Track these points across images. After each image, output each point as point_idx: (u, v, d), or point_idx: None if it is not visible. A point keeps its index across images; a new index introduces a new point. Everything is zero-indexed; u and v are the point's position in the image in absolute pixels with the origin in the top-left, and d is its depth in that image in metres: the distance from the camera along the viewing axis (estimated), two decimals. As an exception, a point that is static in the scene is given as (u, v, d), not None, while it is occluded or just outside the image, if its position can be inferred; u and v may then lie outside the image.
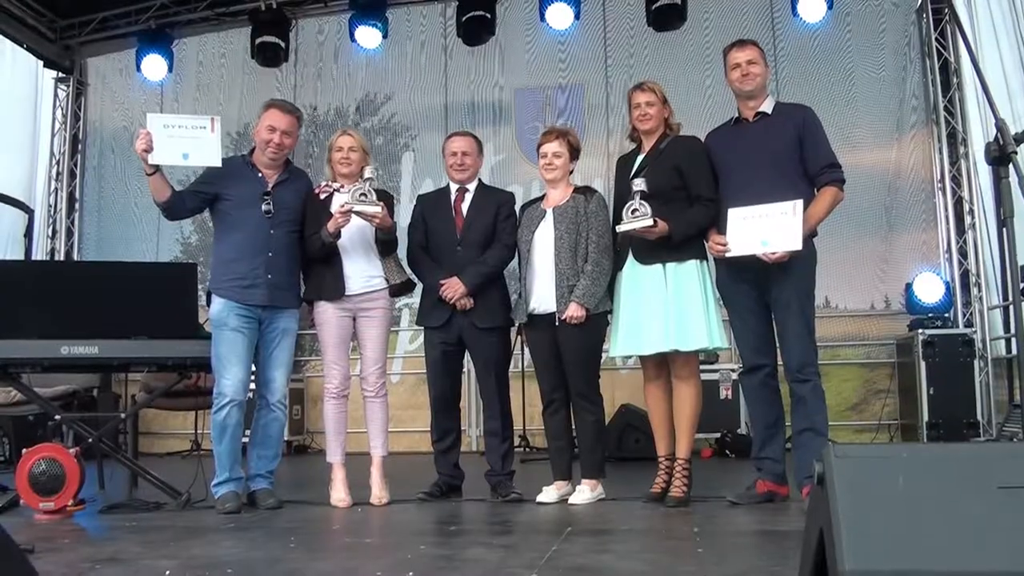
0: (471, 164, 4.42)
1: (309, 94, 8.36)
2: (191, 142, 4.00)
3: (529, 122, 7.89)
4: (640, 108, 4.12)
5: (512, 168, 7.86)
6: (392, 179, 8.04)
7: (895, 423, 6.94)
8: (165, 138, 3.96)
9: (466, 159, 4.41)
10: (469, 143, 4.46)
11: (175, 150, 3.98)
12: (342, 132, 4.41)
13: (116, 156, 8.83)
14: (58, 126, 9.03)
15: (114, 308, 4.21)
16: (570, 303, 4.01)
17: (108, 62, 9.01)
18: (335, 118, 8.29)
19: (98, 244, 8.79)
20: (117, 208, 8.75)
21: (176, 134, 3.99)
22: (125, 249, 8.45)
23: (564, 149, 4.23)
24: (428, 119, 8.13)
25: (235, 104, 8.50)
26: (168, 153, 3.98)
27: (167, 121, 4.04)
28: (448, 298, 4.22)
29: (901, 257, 7.16)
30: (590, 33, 7.93)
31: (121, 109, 8.91)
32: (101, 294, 4.25)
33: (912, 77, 7.34)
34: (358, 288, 4.22)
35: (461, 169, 4.41)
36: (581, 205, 4.13)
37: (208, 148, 4.02)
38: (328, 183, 4.35)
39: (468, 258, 4.27)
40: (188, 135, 4.00)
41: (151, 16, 8.38)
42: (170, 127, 4.00)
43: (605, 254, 4.08)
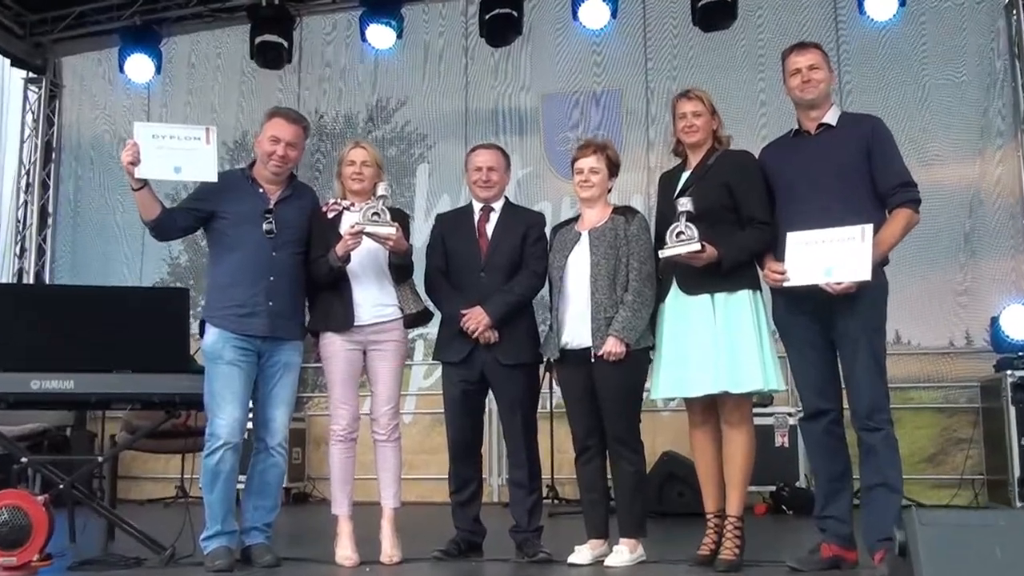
0: (497, 181, 4.49)
1: (314, 100, 8.49)
2: (184, 154, 4.08)
3: (559, 132, 7.96)
4: (686, 119, 4.16)
5: (540, 183, 7.93)
6: (405, 194, 8.13)
7: (979, 478, 6.84)
8: (154, 149, 4.04)
9: (492, 175, 4.48)
10: (496, 157, 4.53)
11: (166, 163, 4.06)
12: (354, 144, 4.50)
13: (95, 166, 8.97)
14: (28, 132, 9.13)
15: (92, 337, 4.24)
16: (607, 337, 4.03)
17: (86, 62, 9.17)
18: (344, 127, 8.43)
19: (73, 264, 8.89)
20: (95, 224, 8.86)
21: (167, 145, 4.07)
22: (104, 270, 8.55)
23: (602, 165, 4.28)
24: (446, 127, 8.23)
25: (232, 111, 8.63)
26: (158, 166, 4.06)
27: (157, 131, 4.13)
28: (470, 330, 4.26)
29: (985, 288, 7.10)
30: (628, 33, 8.01)
31: (102, 114, 9.06)
32: (77, 321, 4.26)
33: (999, 83, 7.28)
34: (369, 318, 4.27)
35: (486, 186, 4.47)
36: (620, 227, 4.16)
37: (203, 161, 4.09)
38: (337, 200, 4.43)
39: (493, 285, 4.32)
40: (180, 146, 4.08)
41: (136, 11, 8.46)
42: (160, 137, 4.08)
43: (647, 283, 4.11)
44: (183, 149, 4.07)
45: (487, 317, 4.25)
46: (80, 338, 4.24)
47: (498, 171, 4.49)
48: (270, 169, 4.29)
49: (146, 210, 4.17)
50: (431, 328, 4.64)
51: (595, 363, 4.07)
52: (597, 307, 4.08)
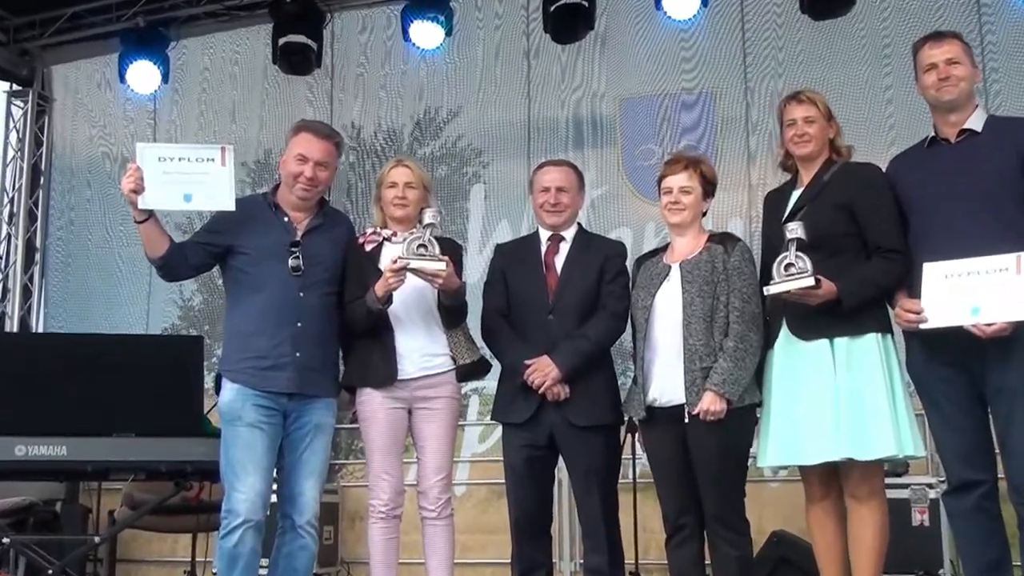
0: (568, 204, 4.53)
1: (350, 111, 8.57)
2: (195, 179, 4.14)
3: (641, 143, 7.93)
4: (796, 126, 4.17)
5: (619, 206, 7.90)
6: (456, 221, 8.17)
7: None
8: (160, 174, 4.11)
9: (562, 197, 4.51)
10: (567, 176, 4.58)
11: (174, 191, 4.13)
12: (396, 162, 4.57)
13: (92, 192, 9.08)
14: (12, 154, 9.19)
15: (88, 394, 4.34)
16: (704, 393, 4.01)
17: (81, 71, 9.32)
18: (385, 142, 8.50)
19: (66, 308, 8.99)
20: (92, 261, 8.96)
21: (175, 169, 4.14)
22: (104, 315, 8.65)
23: (695, 183, 4.29)
24: (505, 141, 8.25)
25: (253, 125, 8.74)
26: (164, 195, 4.13)
27: (163, 152, 4.20)
28: (535, 384, 4.28)
29: None
30: (723, 24, 7.98)
31: (99, 132, 9.19)
32: (70, 375, 4.35)
33: None
34: (415, 371, 4.32)
35: (555, 211, 4.52)
36: (719, 258, 4.16)
37: (218, 187, 4.16)
38: (376, 230, 4.49)
39: (563, 330, 4.34)
40: (191, 170, 4.15)
41: (139, 11, 8.46)
42: (167, 160, 4.15)
43: (752, 325, 4.09)
44: (194, 173, 4.14)
45: (556, 369, 4.26)
46: (74, 395, 4.31)
47: (569, 192, 4.52)
48: (296, 194, 4.35)
49: (152, 246, 4.24)
50: (489, 381, 4.68)
51: (689, 424, 4.06)
52: (691, 356, 4.08)
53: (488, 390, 4.84)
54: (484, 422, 7.52)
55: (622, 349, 4.41)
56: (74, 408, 4.27)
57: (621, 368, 4.47)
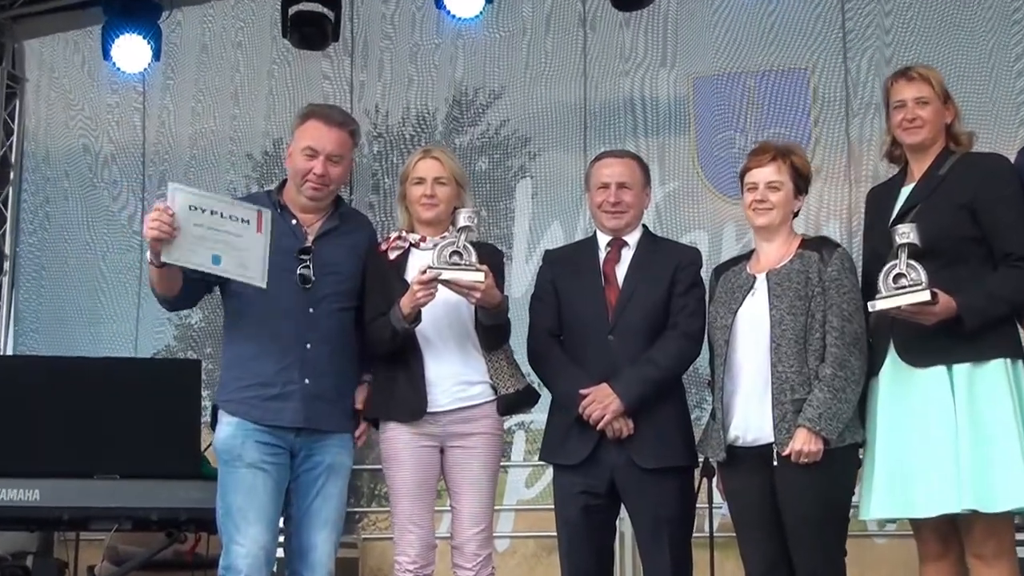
0: (632, 203, 4.52)
1: (373, 92, 8.58)
2: (226, 240, 4.14)
3: (719, 131, 7.91)
4: (905, 108, 4.15)
5: (692, 205, 7.89)
6: (499, 223, 8.19)
7: None
8: (191, 226, 4.10)
9: (624, 195, 4.50)
10: (630, 170, 4.57)
11: (202, 247, 4.12)
12: (423, 153, 4.56)
13: (72, 188, 9.02)
14: None
15: (66, 429, 4.33)
16: (797, 430, 3.99)
17: (58, 47, 9.34)
18: (415, 129, 8.52)
19: (39, 326, 9.00)
20: (71, 269, 8.98)
21: (207, 222, 4.12)
22: (86, 335, 8.68)
23: (785, 177, 4.26)
24: (557, 128, 8.25)
25: (259, 110, 8.77)
26: (191, 250, 4.10)
27: (197, 200, 4.17)
28: (593, 419, 4.26)
29: None
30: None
31: (80, 117, 9.22)
32: (45, 406, 4.36)
33: None
34: (449, 402, 4.32)
35: (616, 212, 4.50)
36: (813, 268, 4.14)
37: (250, 257, 4.16)
38: (401, 234, 4.49)
39: (626, 353, 4.34)
40: (224, 228, 4.14)
41: None
42: (199, 211, 4.13)
43: (853, 349, 4.06)
44: (227, 232, 4.13)
45: (618, 400, 4.24)
46: (48, 430, 4.31)
47: (633, 189, 4.52)
48: (305, 193, 4.37)
49: (164, 284, 4.23)
50: (537, 414, 4.70)
51: (778, 467, 4.04)
52: (780, 385, 4.06)
53: (536, 424, 4.83)
54: (531, 463, 7.55)
55: (697, 377, 4.40)
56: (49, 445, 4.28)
57: (696, 399, 4.45)
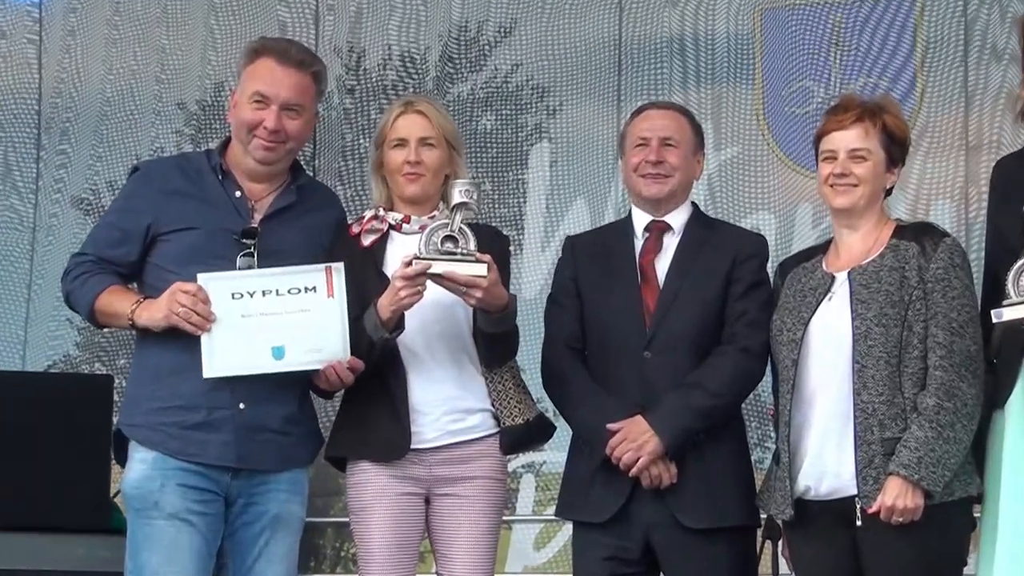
0: (679, 165, 4.49)
1: (343, 26, 8.52)
2: (288, 321, 4.20)
3: (793, 80, 7.85)
4: None
5: (755, 176, 7.85)
6: (507, 200, 8.13)
7: None
8: (237, 320, 4.17)
9: (669, 155, 4.47)
10: (678, 124, 4.56)
11: (257, 343, 4.18)
12: (404, 106, 4.54)
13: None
14: None
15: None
16: (888, 479, 3.96)
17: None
18: (399, 75, 8.44)
19: None
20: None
21: (258, 309, 4.19)
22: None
23: (875, 142, 4.22)
24: (584, 75, 8.19)
25: (194, 49, 8.68)
26: (244, 350, 4.17)
27: (239, 285, 4.22)
28: (625, 463, 4.25)
29: None
30: None
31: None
32: None
33: None
34: (438, 436, 4.32)
35: (658, 176, 4.47)
36: (912, 264, 4.11)
37: (324, 330, 4.22)
38: (378, 213, 4.48)
39: (667, 375, 4.34)
40: (281, 309, 4.21)
41: None
42: (245, 297, 4.20)
43: (966, 373, 4.02)
44: (287, 313, 4.21)
45: (656, 439, 4.22)
46: None
47: (680, 148, 4.50)
48: (254, 153, 4.35)
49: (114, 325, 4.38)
50: (552, 453, 4.76)
51: (863, 528, 4.03)
52: (866, 419, 4.03)
53: (551, 467, 4.79)
54: (544, 518, 7.51)
55: (759, 406, 4.33)
56: None
57: (758, 435, 4.40)
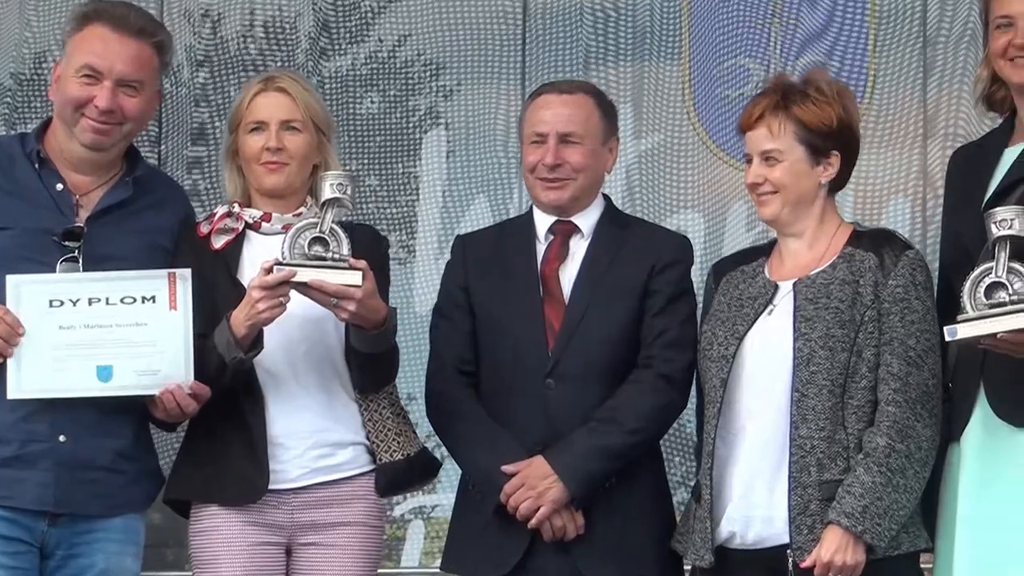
0: (583, 165, 4.49)
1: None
2: (119, 336, 4.17)
3: (726, 56, 7.85)
4: (1014, 28, 4.12)
5: (680, 167, 7.84)
6: (397, 197, 8.08)
7: None
8: (54, 333, 4.13)
9: (569, 154, 4.47)
10: (581, 112, 4.54)
11: (78, 362, 4.14)
12: (264, 83, 4.53)
13: None
14: None
15: None
16: (827, 529, 3.97)
17: None
18: (263, 47, 8.38)
19: None
20: None
21: (82, 321, 4.16)
22: None
23: (788, 139, 4.23)
24: (484, 49, 8.15)
25: (10, 14, 8.56)
26: (60, 370, 4.13)
27: (58, 291, 4.19)
28: (523, 513, 4.23)
29: None
30: None
31: None
32: None
33: None
34: (302, 474, 4.32)
35: (554, 182, 4.48)
36: (868, 279, 4.12)
37: (164, 348, 4.19)
38: (232, 210, 4.43)
39: (573, 408, 4.34)
40: (111, 321, 4.17)
41: None
42: (66, 304, 4.15)
43: (922, 410, 4.05)
44: (119, 327, 4.18)
45: (559, 485, 4.22)
46: None
47: (584, 143, 4.50)
48: (81, 138, 4.29)
49: None
50: (444, 494, 4.83)
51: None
52: (803, 457, 4.05)
53: (444, 511, 4.76)
54: (430, 570, 7.51)
55: (683, 437, 4.29)
56: None
57: (680, 474, 4.36)
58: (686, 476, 4.45)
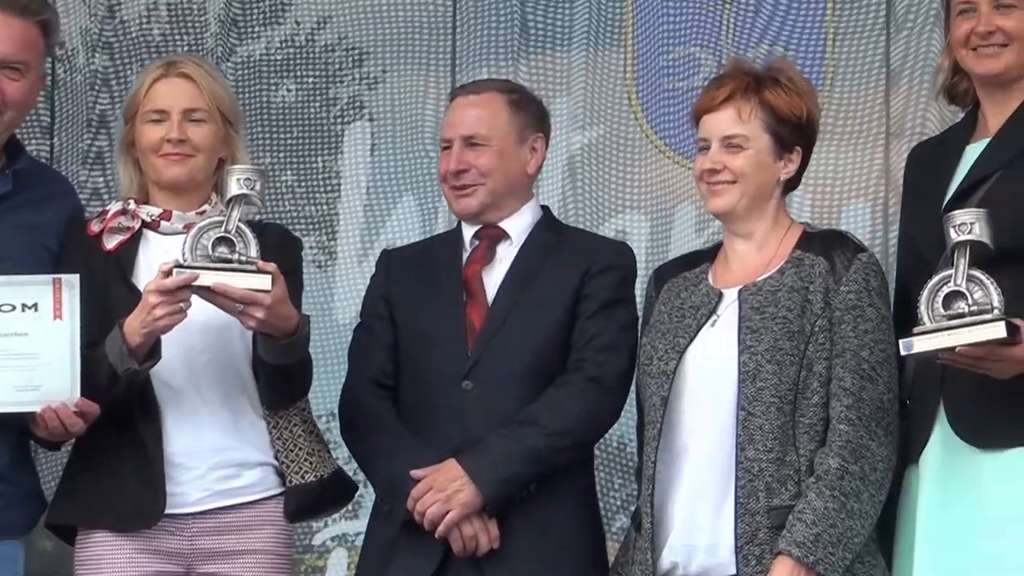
0: (490, 168, 4.51)
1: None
2: None
3: (673, 44, 7.84)
4: (977, 14, 4.15)
5: (622, 166, 7.81)
6: (316, 196, 8.04)
7: None
8: None
9: (477, 157, 4.50)
10: (488, 111, 4.59)
11: None
12: (164, 68, 4.51)
13: None
14: None
15: None
16: (776, 560, 3.97)
17: None
18: (168, 30, 8.32)
19: None
20: None
21: None
22: None
23: (756, 126, 4.23)
24: (412, 34, 8.12)
25: None
26: None
27: None
28: (430, 519, 4.23)
29: None
30: None
31: None
32: None
33: None
34: (203, 497, 4.30)
35: (463, 192, 4.52)
36: (818, 285, 4.13)
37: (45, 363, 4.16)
38: (127, 207, 4.40)
39: (491, 412, 4.35)
40: None
41: None
42: None
43: (877, 428, 4.05)
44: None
45: (471, 487, 4.22)
46: None
47: (492, 144, 4.53)
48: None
49: None
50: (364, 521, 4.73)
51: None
52: (751, 481, 4.05)
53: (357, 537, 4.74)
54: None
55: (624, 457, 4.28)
56: None
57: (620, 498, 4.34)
58: (627, 501, 4.40)
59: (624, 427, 4.60)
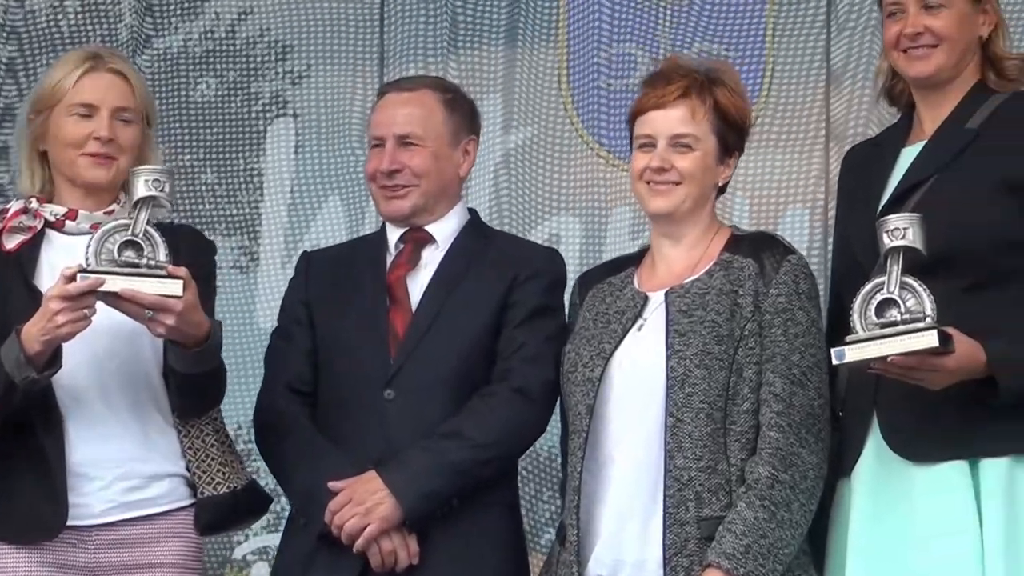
0: (423, 170, 4.52)
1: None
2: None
3: (608, 42, 7.86)
4: (907, 16, 4.19)
5: (554, 168, 7.81)
6: (238, 196, 8.04)
7: None
8: None
9: (410, 157, 4.51)
10: (421, 109, 4.58)
11: None
12: (92, 61, 4.45)
13: None
14: None
15: None
16: (707, 572, 3.98)
17: None
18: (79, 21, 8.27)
19: None
20: None
21: None
22: None
23: (705, 126, 4.26)
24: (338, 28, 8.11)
25: None
26: None
27: None
28: (348, 532, 4.23)
29: None
30: None
31: None
32: None
33: None
34: (108, 508, 4.27)
35: (395, 193, 4.52)
36: (747, 288, 4.15)
37: None
38: (29, 206, 4.39)
39: (413, 422, 4.36)
40: None
41: None
42: None
43: (807, 435, 4.07)
44: None
45: (390, 500, 4.23)
46: None
47: (425, 144, 4.54)
48: None
49: None
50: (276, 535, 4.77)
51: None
52: (680, 490, 4.05)
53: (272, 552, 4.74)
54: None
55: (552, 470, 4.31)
56: None
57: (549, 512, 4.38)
58: (556, 515, 4.44)
59: (553, 438, 4.57)
